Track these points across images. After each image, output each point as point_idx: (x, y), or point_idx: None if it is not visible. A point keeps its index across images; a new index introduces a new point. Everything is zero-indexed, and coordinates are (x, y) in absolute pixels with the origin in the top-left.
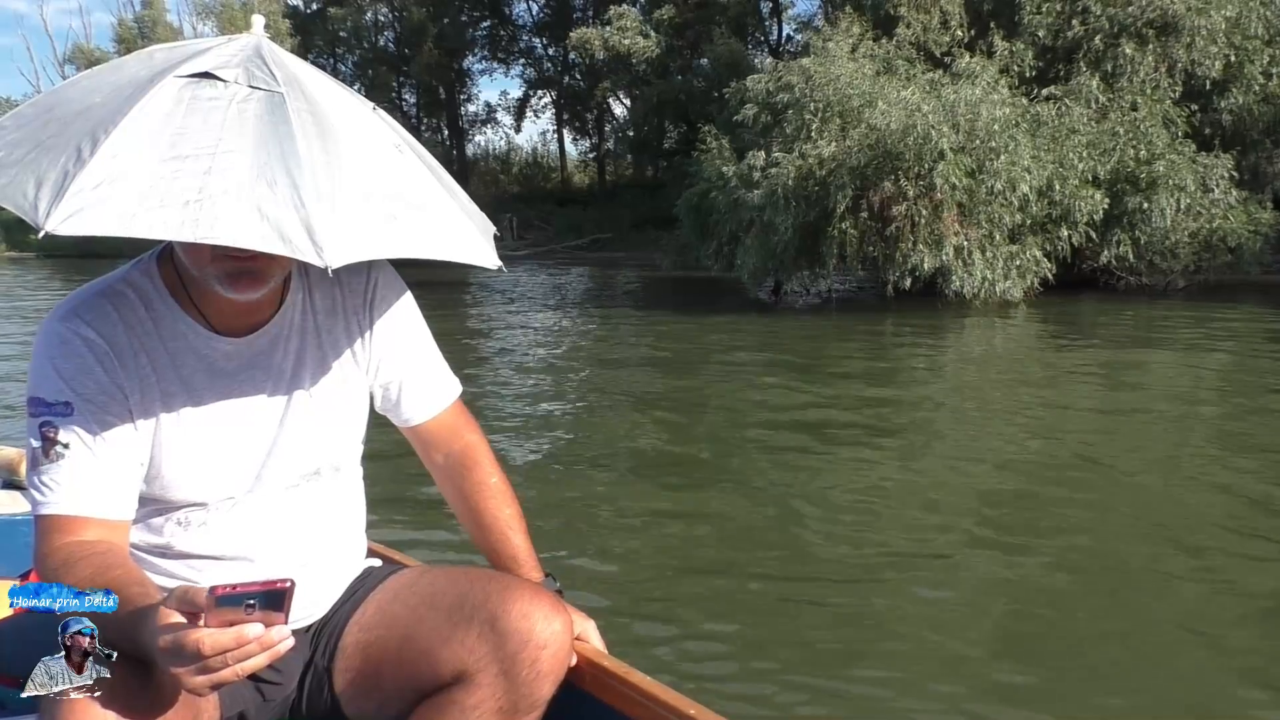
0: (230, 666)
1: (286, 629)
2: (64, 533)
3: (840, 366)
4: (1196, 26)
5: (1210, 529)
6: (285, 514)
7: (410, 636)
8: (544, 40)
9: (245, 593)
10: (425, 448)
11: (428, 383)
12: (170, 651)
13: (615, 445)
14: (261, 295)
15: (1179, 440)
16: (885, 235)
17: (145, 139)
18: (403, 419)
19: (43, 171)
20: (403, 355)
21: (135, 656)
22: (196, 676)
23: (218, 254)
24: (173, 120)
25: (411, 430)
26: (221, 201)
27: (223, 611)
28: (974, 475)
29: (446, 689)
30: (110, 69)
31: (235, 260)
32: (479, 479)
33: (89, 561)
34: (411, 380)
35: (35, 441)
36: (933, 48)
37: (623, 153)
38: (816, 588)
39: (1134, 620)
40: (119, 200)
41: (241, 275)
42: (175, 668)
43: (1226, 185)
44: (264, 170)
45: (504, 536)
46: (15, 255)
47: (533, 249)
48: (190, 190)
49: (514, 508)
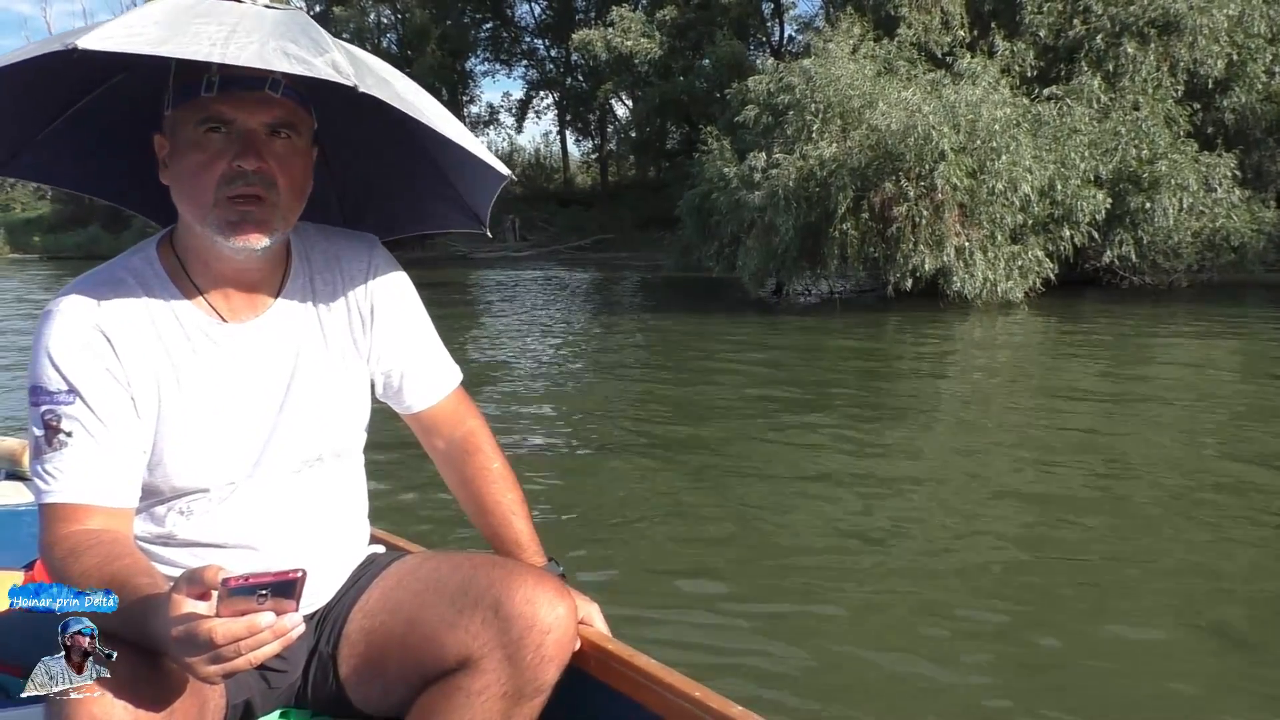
0: (243, 655)
1: (298, 616)
2: (69, 521)
3: (842, 366)
4: (1199, 25)
5: (1223, 528)
6: (288, 500)
7: (414, 622)
8: (546, 41)
9: (258, 583)
10: (427, 434)
11: (429, 369)
12: (183, 641)
13: (617, 439)
14: (262, 250)
15: (1184, 439)
16: (886, 236)
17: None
18: (405, 405)
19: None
20: (404, 340)
21: (144, 647)
22: (209, 666)
23: (221, 197)
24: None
25: (414, 417)
26: (249, 38)
27: (234, 601)
28: (979, 473)
29: (451, 674)
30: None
31: (240, 204)
32: (481, 464)
33: (95, 551)
34: (413, 366)
35: (38, 430)
36: (934, 48)
37: (625, 154)
38: (819, 578)
39: (1141, 617)
40: (150, 32)
41: (244, 221)
42: (188, 657)
43: (1229, 184)
44: (288, 32)
45: (506, 521)
46: (18, 256)
47: (536, 249)
48: (219, 32)
49: (516, 493)
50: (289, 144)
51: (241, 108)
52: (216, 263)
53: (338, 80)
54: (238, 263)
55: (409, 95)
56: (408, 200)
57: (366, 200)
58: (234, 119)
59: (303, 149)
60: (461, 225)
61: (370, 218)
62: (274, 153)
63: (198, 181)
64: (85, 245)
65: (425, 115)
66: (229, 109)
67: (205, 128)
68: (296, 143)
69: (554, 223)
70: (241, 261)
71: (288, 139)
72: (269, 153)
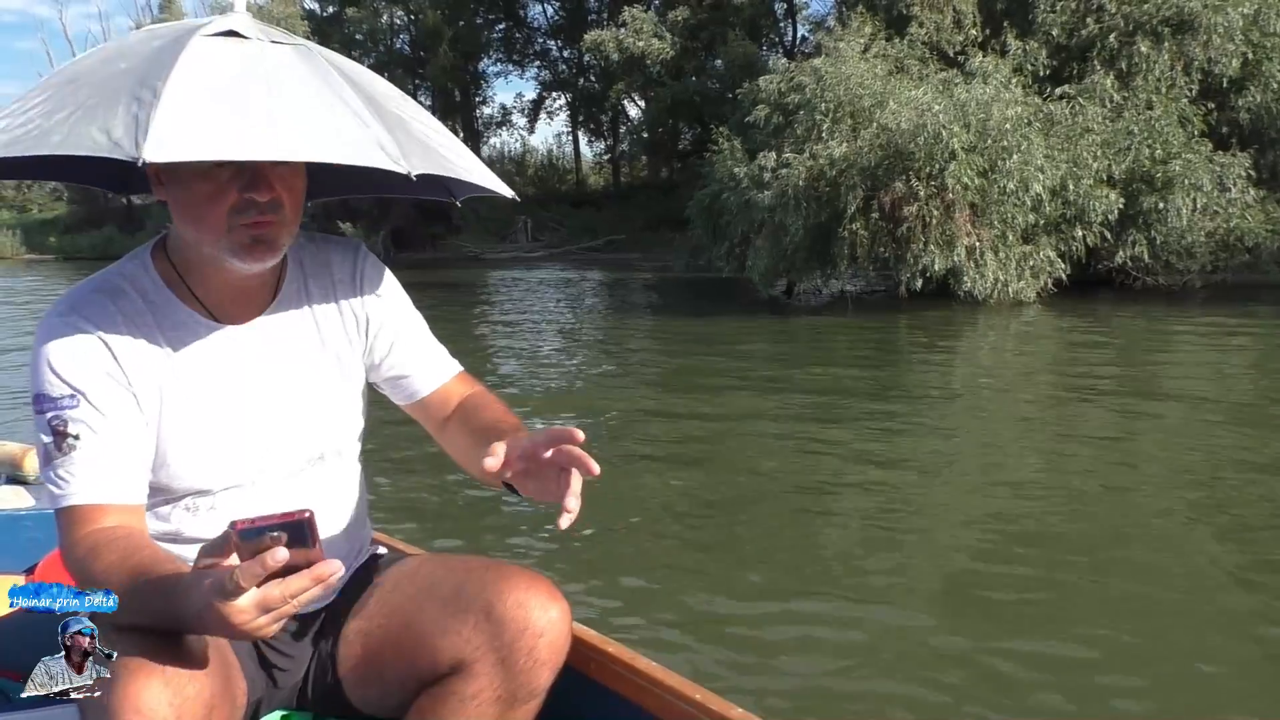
0: (288, 602)
1: (335, 562)
2: (86, 522)
3: (852, 365)
4: (1213, 24)
5: (1240, 533)
6: (292, 498)
7: (409, 626)
8: (559, 42)
9: (265, 525)
10: (435, 414)
11: (428, 357)
12: (213, 590)
13: (625, 437)
14: (268, 267)
15: (1196, 442)
16: (897, 236)
17: (202, 78)
18: (410, 394)
19: (106, 120)
20: (399, 335)
21: (178, 632)
22: (254, 618)
23: (234, 224)
24: (219, 64)
25: (420, 404)
26: (294, 123)
27: (247, 545)
28: (990, 476)
29: (445, 678)
30: (114, 45)
31: (254, 227)
32: (488, 402)
33: (114, 547)
34: (412, 356)
35: (46, 437)
36: (946, 47)
37: (637, 154)
38: (822, 578)
39: (1152, 616)
40: (203, 129)
41: (258, 243)
42: (221, 605)
43: (1244, 184)
44: (323, 100)
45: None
46: (34, 257)
47: (547, 250)
48: (261, 117)
49: (516, 420)
50: (291, 166)
51: None
52: (215, 273)
53: (392, 169)
54: (238, 275)
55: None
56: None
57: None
58: None
59: (300, 168)
60: (431, 195)
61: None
62: (280, 178)
63: (208, 211)
64: (100, 246)
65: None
66: None
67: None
68: (296, 164)
69: (565, 224)
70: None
71: (289, 163)
72: (276, 180)
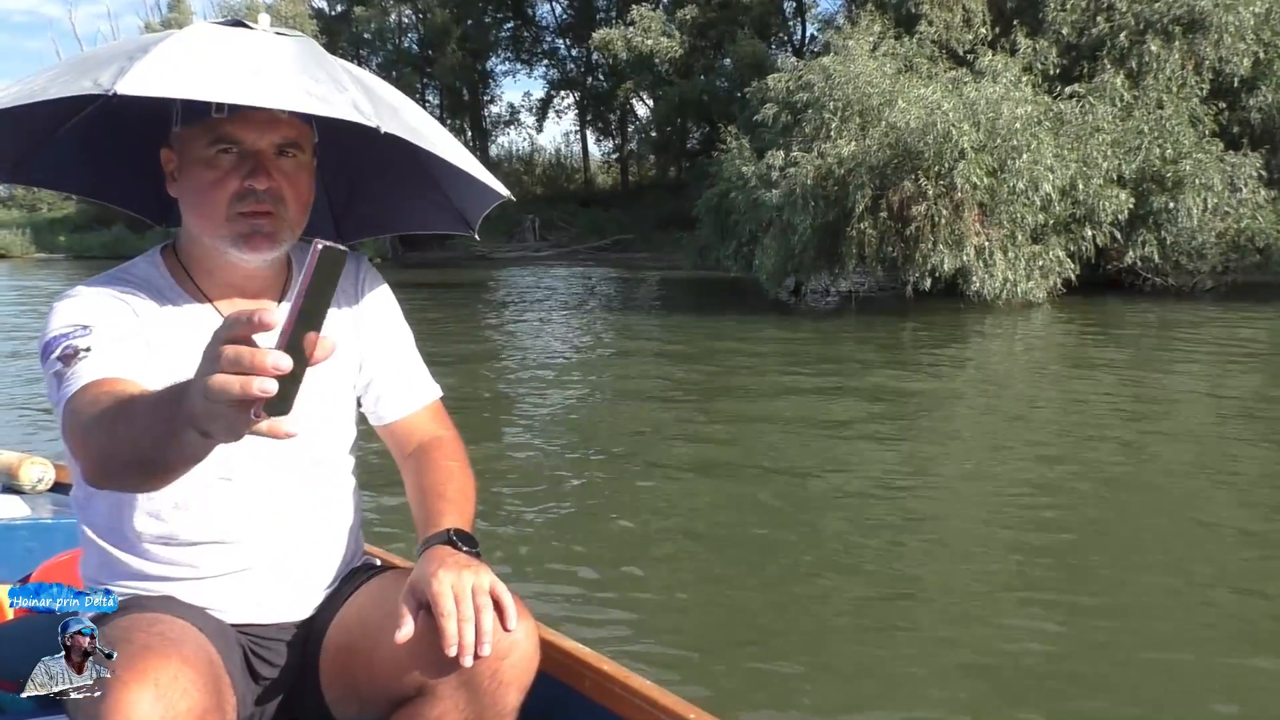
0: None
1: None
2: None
3: (859, 366)
4: (1225, 23)
5: (1248, 533)
6: (283, 499)
7: (378, 644)
8: (567, 41)
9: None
10: (400, 445)
11: (407, 380)
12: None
13: (632, 437)
14: (269, 261)
15: (1209, 443)
16: (905, 235)
17: (196, 42)
18: (379, 416)
19: (97, 72)
20: (385, 350)
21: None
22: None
23: (233, 213)
24: (217, 36)
25: (388, 428)
26: (272, 77)
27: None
28: (997, 473)
29: (412, 700)
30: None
31: (253, 217)
32: (437, 459)
33: (111, 394)
34: (392, 376)
35: (56, 367)
36: (955, 46)
37: (645, 153)
38: (825, 579)
39: (1166, 618)
40: (179, 74)
41: (256, 234)
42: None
43: (1255, 184)
44: (307, 68)
45: (434, 494)
46: (44, 256)
47: (555, 250)
48: (244, 72)
49: (460, 484)
50: (295, 161)
51: (251, 129)
52: (222, 271)
53: (360, 121)
54: (243, 270)
55: (419, 124)
56: (398, 199)
57: (356, 200)
58: (243, 139)
59: (307, 164)
60: (449, 228)
61: (362, 209)
62: (282, 171)
63: (210, 198)
64: (110, 245)
65: (436, 146)
66: (239, 130)
67: (216, 148)
68: (301, 159)
69: (573, 223)
70: (248, 269)
71: (294, 157)
72: (277, 171)
